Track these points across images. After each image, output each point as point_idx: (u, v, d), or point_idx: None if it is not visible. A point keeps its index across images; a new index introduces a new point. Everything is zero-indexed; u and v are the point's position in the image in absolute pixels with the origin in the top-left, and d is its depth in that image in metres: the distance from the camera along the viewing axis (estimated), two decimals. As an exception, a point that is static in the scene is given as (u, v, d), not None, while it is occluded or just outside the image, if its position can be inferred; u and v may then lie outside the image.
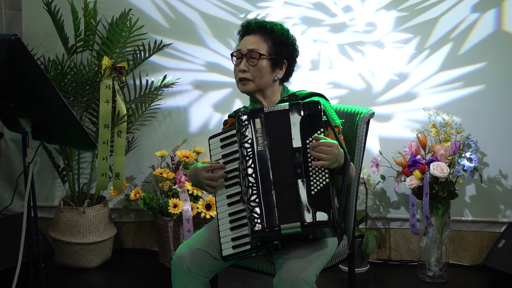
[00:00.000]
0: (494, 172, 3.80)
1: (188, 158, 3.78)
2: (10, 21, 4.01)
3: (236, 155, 2.45)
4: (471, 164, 3.50)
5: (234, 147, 2.45)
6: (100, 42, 3.74)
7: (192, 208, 3.64)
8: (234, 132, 2.45)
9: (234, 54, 2.61)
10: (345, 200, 2.55)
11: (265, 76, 2.57)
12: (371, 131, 3.69)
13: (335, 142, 2.35)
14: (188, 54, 3.91)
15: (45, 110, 2.49)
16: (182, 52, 3.90)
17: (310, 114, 2.37)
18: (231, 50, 3.84)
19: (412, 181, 3.54)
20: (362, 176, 3.67)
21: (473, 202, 3.85)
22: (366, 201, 3.83)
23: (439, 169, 3.47)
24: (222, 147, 2.49)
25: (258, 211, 2.34)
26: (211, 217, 3.66)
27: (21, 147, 2.78)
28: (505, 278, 3.60)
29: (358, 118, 2.80)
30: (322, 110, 2.37)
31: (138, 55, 3.79)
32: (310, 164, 2.34)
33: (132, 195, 3.77)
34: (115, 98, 3.68)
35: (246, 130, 2.40)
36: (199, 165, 2.53)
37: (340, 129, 2.58)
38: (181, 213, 3.62)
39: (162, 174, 3.73)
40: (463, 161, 3.49)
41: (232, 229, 2.42)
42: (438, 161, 3.51)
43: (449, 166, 3.51)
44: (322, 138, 2.34)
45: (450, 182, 3.57)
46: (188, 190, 3.68)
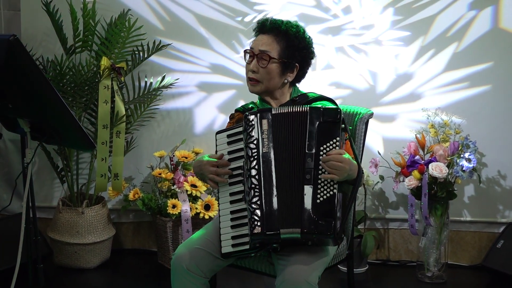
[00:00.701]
0: (493, 172, 3.80)
1: (187, 158, 3.78)
2: (8, 21, 4.01)
3: (241, 153, 2.41)
4: (470, 164, 3.50)
5: (240, 145, 2.42)
6: (99, 43, 3.74)
7: (191, 208, 3.64)
8: (241, 129, 2.42)
9: (247, 51, 2.59)
10: (349, 212, 2.51)
11: (274, 79, 2.55)
12: (372, 131, 3.72)
13: (347, 157, 2.30)
14: (188, 54, 3.91)
15: (43, 110, 2.49)
16: (181, 52, 3.90)
17: (329, 121, 2.33)
18: (231, 51, 3.89)
19: (411, 181, 3.54)
20: (361, 176, 3.67)
21: (472, 202, 3.85)
22: (365, 201, 3.83)
23: (438, 169, 3.47)
24: (229, 144, 2.45)
25: (259, 214, 2.33)
26: (210, 217, 3.66)
27: (19, 148, 2.78)
28: (504, 278, 3.60)
29: (357, 119, 2.79)
30: (342, 119, 2.33)
31: (137, 56, 3.79)
32: (320, 172, 2.30)
33: (131, 196, 3.77)
34: (114, 99, 3.68)
35: (252, 130, 2.37)
36: (206, 158, 2.49)
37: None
38: (180, 213, 3.62)
39: (161, 174, 3.73)
40: (462, 161, 3.50)
41: (233, 227, 2.41)
42: (437, 161, 3.51)
43: (448, 166, 3.51)
44: (335, 153, 2.29)
45: (449, 183, 3.57)
46: (187, 191, 3.68)
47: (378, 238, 3.89)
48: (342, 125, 2.33)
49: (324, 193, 2.30)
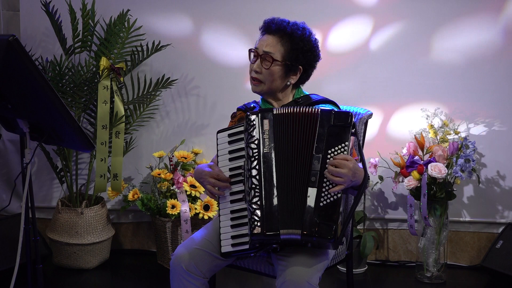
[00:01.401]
0: (492, 173, 3.81)
1: (186, 159, 3.78)
2: (8, 21, 4.01)
3: (242, 152, 2.41)
4: (469, 164, 3.50)
5: (241, 144, 2.42)
6: (98, 43, 3.74)
7: (190, 209, 3.64)
8: (242, 129, 2.41)
9: (252, 50, 2.58)
10: (351, 218, 2.50)
11: (276, 81, 2.55)
12: (371, 132, 3.72)
13: (352, 165, 2.28)
14: (187, 54, 3.90)
15: (43, 111, 2.49)
16: (181, 52, 3.90)
17: (339, 124, 2.31)
18: (232, 51, 3.88)
19: (410, 182, 3.54)
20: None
21: (471, 203, 3.85)
22: (364, 202, 3.83)
23: (437, 170, 3.47)
24: (230, 143, 2.45)
25: (259, 214, 2.32)
26: (209, 218, 3.66)
27: (19, 148, 2.79)
28: (503, 278, 3.60)
29: (356, 119, 2.79)
30: (353, 123, 2.31)
31: (136, 56, 3.79)
32: (325, 180, 2.29)
33: (130, 196, 3.77)
34: (113, 99, 3.68)
35: (253, 130, 2.37)
36: (207, 169, 2.48)
37: None
38: (179, 214, 3.62)
39: (160, 175, 3.73)
40: (461, 162, 3.50)
41: (232, 227, 2.40)
42: (436, 162, 3.51)
43: (447, 167, 3.51)
44: (340, 158, 2.27)
45: (448, 183, 3.58)
46: (186, 191, 3.68)
47: (377, 238, 3.89)
48: (353, 129, 2.32)
49: (328, 196, 2.29)
